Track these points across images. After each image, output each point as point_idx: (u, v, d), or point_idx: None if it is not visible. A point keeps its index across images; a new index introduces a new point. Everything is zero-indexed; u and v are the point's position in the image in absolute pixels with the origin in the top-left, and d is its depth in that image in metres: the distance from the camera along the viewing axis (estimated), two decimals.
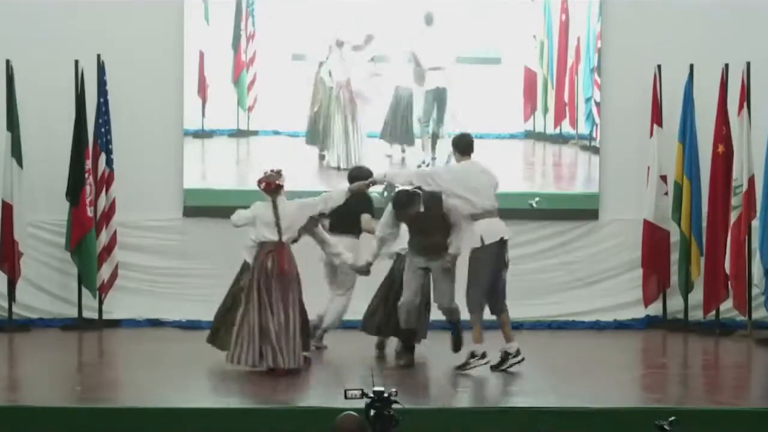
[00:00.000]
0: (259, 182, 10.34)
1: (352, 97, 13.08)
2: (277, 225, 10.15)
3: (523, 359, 10.26)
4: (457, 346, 10.56)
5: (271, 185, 10.23)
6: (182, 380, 10.03)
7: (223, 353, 10.22)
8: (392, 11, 13.09)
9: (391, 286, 10.90)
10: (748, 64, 12.35)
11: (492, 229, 10.25)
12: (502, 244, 10.32)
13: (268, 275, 10.08)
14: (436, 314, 10.84)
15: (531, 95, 13.19)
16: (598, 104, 13.13)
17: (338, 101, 13.09)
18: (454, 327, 10.57)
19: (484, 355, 10.27)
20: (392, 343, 10.95)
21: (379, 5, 13.10)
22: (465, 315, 10.55)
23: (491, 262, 10.27)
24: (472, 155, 10.60)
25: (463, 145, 10.66)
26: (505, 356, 10.31)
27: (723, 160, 12.50)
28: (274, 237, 10.14)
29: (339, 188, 10.82)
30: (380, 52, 13.08)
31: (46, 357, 11.10)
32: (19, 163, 12.41)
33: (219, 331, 10.52)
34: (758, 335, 12.19)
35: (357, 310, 11.72)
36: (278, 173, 10.29)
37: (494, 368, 10.27)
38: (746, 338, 12.21)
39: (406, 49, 13.07)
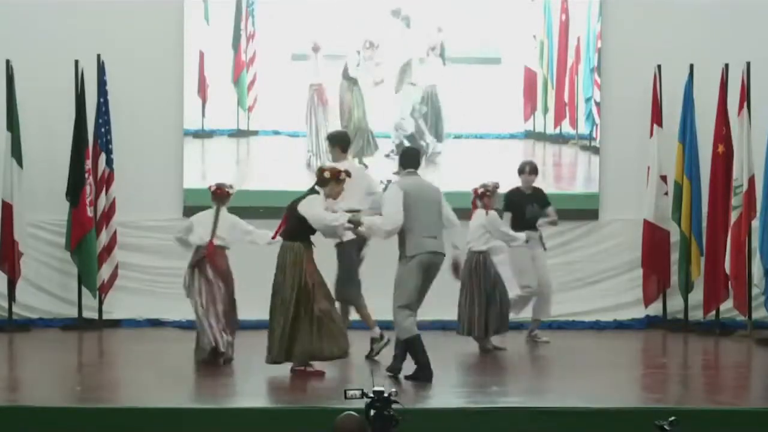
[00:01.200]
0: (211, 186, 10.74)
1: (323, 100, 13.12)
2: (214, 226, 10.51)
3: (388, 341, 10.53)
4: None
5: (221, 192, 10.64)
6: (182, 380, 10.02)
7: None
8: (392, 10, 13.10)
9: (471, 286, 11.20)
10: (748, 64, 12.35)
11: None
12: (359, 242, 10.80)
13: (209, 276, 10.51)
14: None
15: (531, 95, 13.20)
16: (598, 104, 13.13)
17: (312, 103, 13.13)
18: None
19: (382, 336, 10.70)
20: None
21: (379, 4, 13.12)
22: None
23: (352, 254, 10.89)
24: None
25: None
26: (372, 342, 10.76)
27: (723, 160, 12.50)
28: (208, 238, 10.50)
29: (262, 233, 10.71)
30: (382, 54, 13.11)
31: (46, 357, 11.10)
32: (19, 163, 12.42)
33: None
34: (758, 335, 12.19)
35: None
36: (230, 186, 10.78)
37: (368, 356, 10.68)
38: (746, 338, 12.21)
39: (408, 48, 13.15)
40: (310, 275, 9.93)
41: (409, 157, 10.22)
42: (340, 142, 11.00)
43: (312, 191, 10.08)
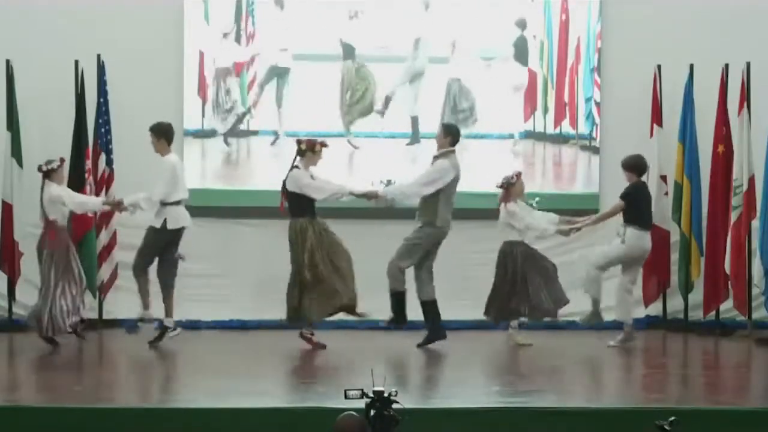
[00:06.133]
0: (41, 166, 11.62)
1: None
2: (40, 203, 11.49)
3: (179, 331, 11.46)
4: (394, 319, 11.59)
5: (40, 170, 11.53)
6: (182, 380, 10.02)
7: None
8: (392, 9, 13.11)
9: (504, 275, 11.69)
10: (748, 64, 12.36)
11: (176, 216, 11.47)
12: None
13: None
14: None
15: (531, 95, 13.19)
16: (598, 104, 13.13)
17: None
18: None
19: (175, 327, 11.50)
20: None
21: (379, 4, 13.12)
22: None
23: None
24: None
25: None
26: (164, 330, 11.45)
27: (723, 160, 12.51)
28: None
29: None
30: (383, 51, 13.10)
31: (46, 357, 11.10)
32: (19, 163, 12.42)
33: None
34: (758, 335, 12.19)
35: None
36: (48, 162, 11.52)
37: (151, 343, 11.40)
38: (746, 338, 12.21)
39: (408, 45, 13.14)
40: (319, 241, 11.31)
41: (458, 135, 11.62)
42: (164, 134, 11.53)
43: (294, 167, 11.45)
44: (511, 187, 11.77)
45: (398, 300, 11.47)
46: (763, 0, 13.09)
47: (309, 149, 11.48)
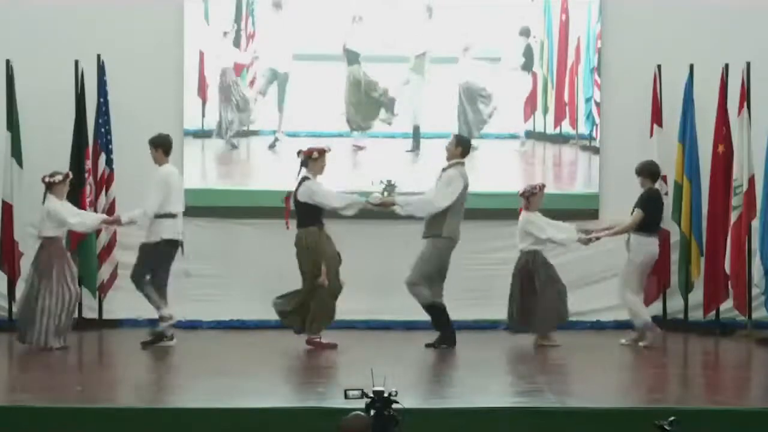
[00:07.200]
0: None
1: None
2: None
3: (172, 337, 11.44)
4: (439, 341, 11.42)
5: (43, 181, 11.31)
6: (182, 380, 10.02)
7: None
8: (393, 10, 13.10)
9: (514, 284, 11.74)
10: (748, 64, 12.36)
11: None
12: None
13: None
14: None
15: (531, 95, 13.19)
16: (598, 104, 13.13)
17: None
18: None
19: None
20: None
21: (379, 5, 13.12)
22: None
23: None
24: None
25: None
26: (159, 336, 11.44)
27: (723, 160, 12.51)
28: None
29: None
30: (384, 52, 13.10)
31: (47, 357, 11.09)
32: (19, 163, 12.42)
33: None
34: (758, 335, 12.19)
35: (346, 310, 11.72)
36: (52, 175, 11.29)
37: (145, 345, 11.34)
38: (746, 338, 12.21)
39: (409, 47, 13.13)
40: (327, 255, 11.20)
41: (468, 147, 11.62)
42: (161, 145, 11.51)
43: (304, 178, 11.28)
44: (532, 197, 11.77)
45: (436, 313, 11.44)
46: (763, 0, 13.09)
47: (308, 157, 11.36)
